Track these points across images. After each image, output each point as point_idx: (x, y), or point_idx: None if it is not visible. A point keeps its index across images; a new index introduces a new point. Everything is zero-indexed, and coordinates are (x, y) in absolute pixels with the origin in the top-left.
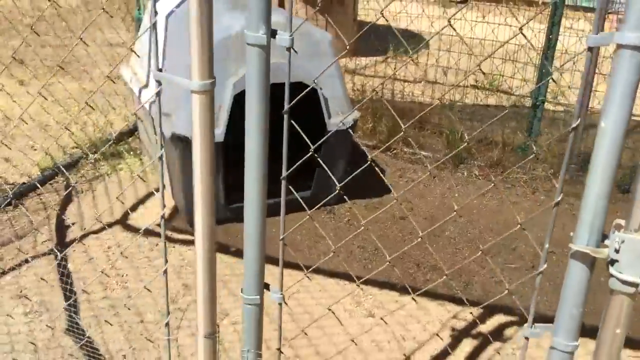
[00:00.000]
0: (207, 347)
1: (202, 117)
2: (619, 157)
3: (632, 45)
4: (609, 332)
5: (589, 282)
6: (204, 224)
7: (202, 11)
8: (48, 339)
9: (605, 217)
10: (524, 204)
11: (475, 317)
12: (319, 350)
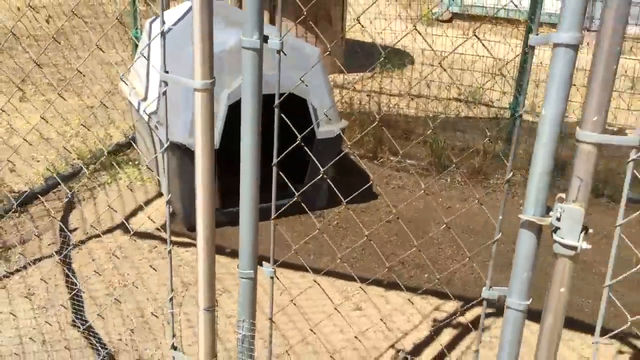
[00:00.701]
0: (207, 319)
1: (203, 112)
2: (557, 140)
3: (565, 43)
4: (555, 291)
5: (537, 249)
6: (204, 193)
7: (204, 20)
8: (54, 332)
9: (548, 192)
10: (509, 206)
11: (455, 309)
12: (308, 341)
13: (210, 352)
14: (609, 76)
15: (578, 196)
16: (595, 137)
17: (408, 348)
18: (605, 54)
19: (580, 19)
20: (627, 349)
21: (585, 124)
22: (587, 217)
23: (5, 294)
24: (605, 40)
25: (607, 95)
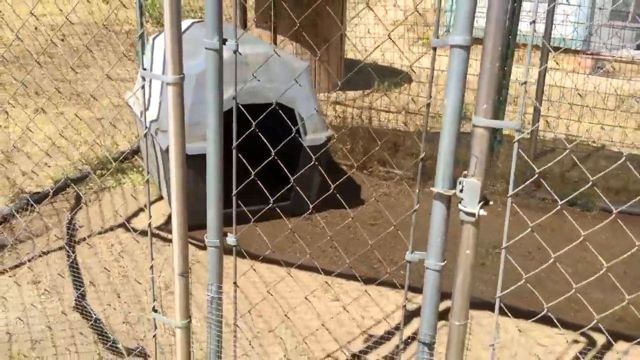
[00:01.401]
0: (182, 283)
1: (174, 102)
2: (459, 124)
3: (458, 44)
4: (462, 254)
5: (448, 217)
6: (177, 162)
7: (174, 28)
8: (59, 315)
9: (453, 168)
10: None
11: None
12: (287, 325)
13: (185, 313)
14: (494, 71)
15: (475, 171)
16: (485, 122)
17: (380, 333)
18: (489, 55)
19: (470, 25)
20: (582, 339)
21: (478, 111)
22: (562, 224)
23: (14, 280)
24: (489, 43)
25: (493, 87)
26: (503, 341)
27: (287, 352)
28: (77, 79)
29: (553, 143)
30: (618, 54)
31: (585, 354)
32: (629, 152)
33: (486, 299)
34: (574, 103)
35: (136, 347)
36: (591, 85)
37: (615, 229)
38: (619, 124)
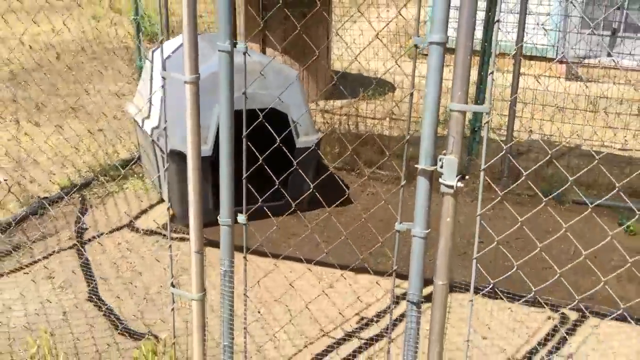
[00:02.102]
0: (198, 260)
1: (191, 99)
2: (438, 110)
3: (436, 42)
4: (444, 221)
5: (431, 190)
6: (193, 154)
7: (191, 32)
8: (74, 305)
9: (434, 148)
10: (464, 209)
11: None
12: (289, 309)
13: (200, 287)
14: (467, 64)
15: (453, 150)
16: (459, 107)
17: (370, 315)
18: (462, 52)
19: (445, 27)
20: (555, 316)
21: (454, 98)
22: (539, 216)
23: (30, 277)
24: (461, 42)
25: (466, 77)
26: (483, 317)
27: (292, 317)
28: (75, 94)
29: (529, 143)
30: (589, 61)
31: (559, 329)
32: (597, 149)
33: (468, 284)
34: (546, 104)
35: (147, 332)
36: (563, 89)
37: (587, 219)
38: (588, 123)
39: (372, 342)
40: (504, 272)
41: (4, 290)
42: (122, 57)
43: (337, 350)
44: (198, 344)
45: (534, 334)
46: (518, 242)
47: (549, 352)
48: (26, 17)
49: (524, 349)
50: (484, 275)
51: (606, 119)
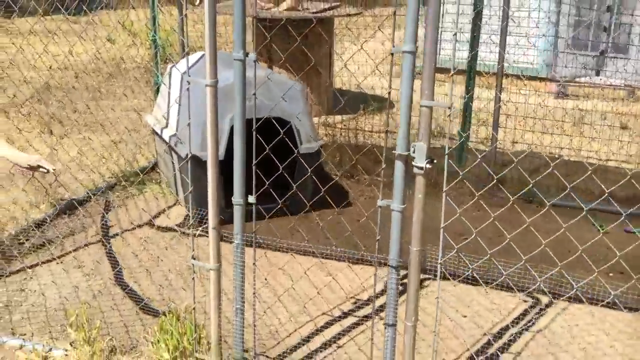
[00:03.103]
0: (215, 235)
1: (211, 101)
2: (411, 106)
3: (408, 50)
4: (417, 197)
5: (405, 172)
6: (212, 140)
7: (211, 42)
8: (101, 289)
9: (408, 138)
10: (453, 212)
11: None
12: (291, 294)
13: (217, 258)
14: (432, 69)
15: (422, 138)
16: (427, 102)
17: (365, 298)
18: (428, 59)
19: (415, 38)
20: (529, 299)
21: (422, 96)
22: (518, 216)
23: (62, 266)
24: (428, 51)
25: (432, 79)
26: (464, 300)
27: (293, 282)
28: (94, 110)
29: (515, 155)
30: (579, 80)
31: (531, 310)
32: (579, 159)
33: (452, 272)
34: (527, 116)
35: (167, 309)
36: (551, 105)
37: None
38: (570, 135)
39: (365, 319)
40: (484, 262)
41: (39, 277)
42: (136, 77)
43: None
44: (215, 309)
45: (508, 314)
46: (501, 238)
47: (520, 328)
48: (45, 39)
49: (498, 325)
50: (467, 266)
51: (588, 131)
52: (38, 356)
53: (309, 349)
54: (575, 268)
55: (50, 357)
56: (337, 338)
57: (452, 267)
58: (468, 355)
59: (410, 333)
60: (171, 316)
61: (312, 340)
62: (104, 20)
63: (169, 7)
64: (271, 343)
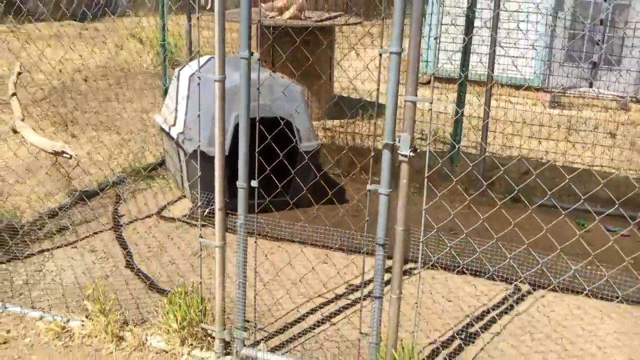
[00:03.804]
0: (221, 215)
1: (219, 94)
2: (397, 101)
3: (394, 52)
4: (402, 183)
5: (392, 160)
6: (219, 127)
7: (220, 43)
8: (113, 270)
9: (394, 129)
10: (445, 209)
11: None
12: (290, 279)
13: (222, 236)
14: (415, 69)
15: (406, 129)
16: (411, 98)
17: (357, 283)
18: (412, 60)
19: (400, 41)
20: (511, 288)
21: (407, 92)
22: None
23: (76, 251)
24: (412, 55)
25: (415, 78)
26: (450, 288)
27: (291, 259)
28: (103, 111)
29: (506, 160)
30: (573, 91)
31: (511, 297)
32: (567, 165)
33: (441, 263)
34: (515, 121)
35: (177, 284)
36: (541, 114)
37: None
38: (556, 140)
39: (355, 302)
40: (470, 255)
41: (56, 259)
42: (144, 81)
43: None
44: (219, 283)
45: (490, 300)
46: (488, 233)
47: (501, 312)
48: (55, 44)
49: (480, 309)
50: (455, 259)
51: (578, 138)
52: (57, 326)
53: (307, 323)
54: (557, 262)
55: (68, 327)
56: (330, 316)
57: (442, 259)
58: (450, 334)
59: (395, 304)
60: (180, 290)
61: (307, 318)
62: (113, 27)
63: (177, 15)
64: (269, 320)
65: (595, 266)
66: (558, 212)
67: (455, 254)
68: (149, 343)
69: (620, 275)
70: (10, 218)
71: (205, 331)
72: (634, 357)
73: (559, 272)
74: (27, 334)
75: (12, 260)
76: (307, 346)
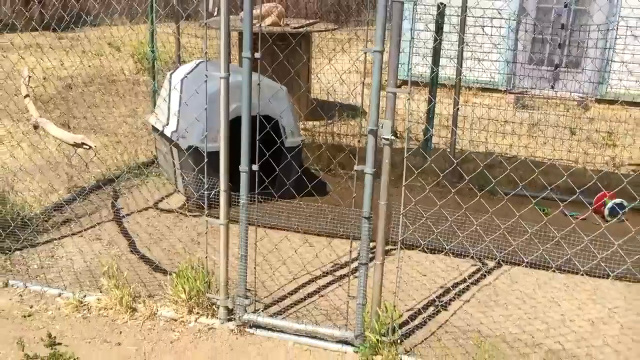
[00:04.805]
0: (225, 196)
1: (224, 90)
2: (379, 94)
3: (377, 50)
4: (384, 162)
5: (376, 145)
6: (224, 114)
7: (225, 46)
8: (119, 256)
9: (377, 117)
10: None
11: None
12: (285, 263)
13: (226, 215)
14: (395, 65)
15: (388, 116)
16: (392, 89)
17: (344, 260)
18: (392, 57)
19: (382, 40)
20: (479, 264)
21: (388, 85)
22: (475, 204)
23: (83, 239)
24: (392, 53)
25: (395, 73)
26: (424, 265)
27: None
28: (91, 116)
29: (475, 155)
30: (535, 92)
31: (480, 272)
32: (531, 159)
33: (419, 245)
34: (481, 117)
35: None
36: (505, 111)
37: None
38: (518, 134)
39: (343, 277)
40: (446, 237)
41: (65, 246)
42: (126, 87)
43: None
44: (223, 257)
45: (461, 274)
46: (459, 217)
47: (470, 283)
48: (35, 53)
49: (452, 281)
50: (433, 240)
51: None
52: (75, 301)
53: (300, 295)
54: (523, 242)
55: (85, 302)
56: (320, 289)
57: (419, 239)
58: (425, 302)
59: (379, 270)
60: (187, 266)
61: (300, 291)
62: (89, 36)
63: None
64: (265, 293)
65: (555, 244)
66: (521, 200)
67: (431, 234)
68: (159, 313)
69: (581, 252)
70: (21, 211)
71: (210, 300)
72: (595, 322)
73: (525, 251)
74: (49, 308)
75: (25, 248)
76: (301, 313)
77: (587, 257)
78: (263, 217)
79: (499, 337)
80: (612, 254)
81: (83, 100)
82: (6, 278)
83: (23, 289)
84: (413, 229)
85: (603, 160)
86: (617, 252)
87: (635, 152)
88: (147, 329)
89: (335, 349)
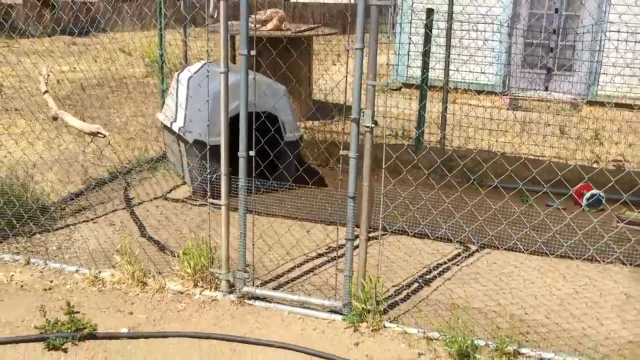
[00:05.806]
0: (226, 179)
1: (224, 85)
2: (360, 86)
3: (358, 47)
4: (366, 148)
5: (358, 133)
6: (224, 105)
7: (225, 42)
8: (131, 239)
9: (359, 107)
10: (409, 187)
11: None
12: (283, 245)
13: (227, 196)
14: (374, 59)
15: (369, 107)
16: (372, 82)
17: (336, 243)
18: (372, 52)
19: (362, 40)
20: (461, 247)
21: (369, 77)
22: (467, 195)
23: (97, 225)
24: (372, 47)
25: (375, 66)
26: (410, 248)
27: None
28: (104, 116)
29: (465, 152)
30: (529, 94)
31: (461, 254)
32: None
33: (406, 230)
34: (471, 116)
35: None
36: (498, 112)
37: (499, 196)
38: (505, 131)
39: (332, 259)
40: (432, 225)
41: (81, 230)
42: (136, 89)
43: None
44: (225, 235)
45: (444, 256)
46: (446, 208)
47: (452, 264)
48: (48, 59)
49: (435, 262)
50: (416, 225)
51: (530, 133)
52: (91, 276)
53: (294, 273)
54: (505, 228)
55: (100, 277)
56: (314, 269)
57: (404, 224)
58: (410, 280)
59: (363, 246)
60: (192, 244)
61: (293, 270)
62: (101, 41)
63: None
64: (263, 272)
65: (535, 231)
66: (508, 192)
67: (411, 206)
68: (167, 287)
69: (559, 237)
70: (40, 199)
71: (213, 275)
72: (564, 298)
73: (506, 236)
74: (67, 282)
75: (44, 232)
76: (295, 287)
77: (560, 242)
78: (261, 205)
79: (475, 309)
80: (580, 240)
81: (96, 100)
82: (27, 257)
83: (43, 266)
84: (393, 207)
85: (584, 156)
86: (587, 238)
87: (620, 150)
88: (157, 301)
89: (326, 317)
